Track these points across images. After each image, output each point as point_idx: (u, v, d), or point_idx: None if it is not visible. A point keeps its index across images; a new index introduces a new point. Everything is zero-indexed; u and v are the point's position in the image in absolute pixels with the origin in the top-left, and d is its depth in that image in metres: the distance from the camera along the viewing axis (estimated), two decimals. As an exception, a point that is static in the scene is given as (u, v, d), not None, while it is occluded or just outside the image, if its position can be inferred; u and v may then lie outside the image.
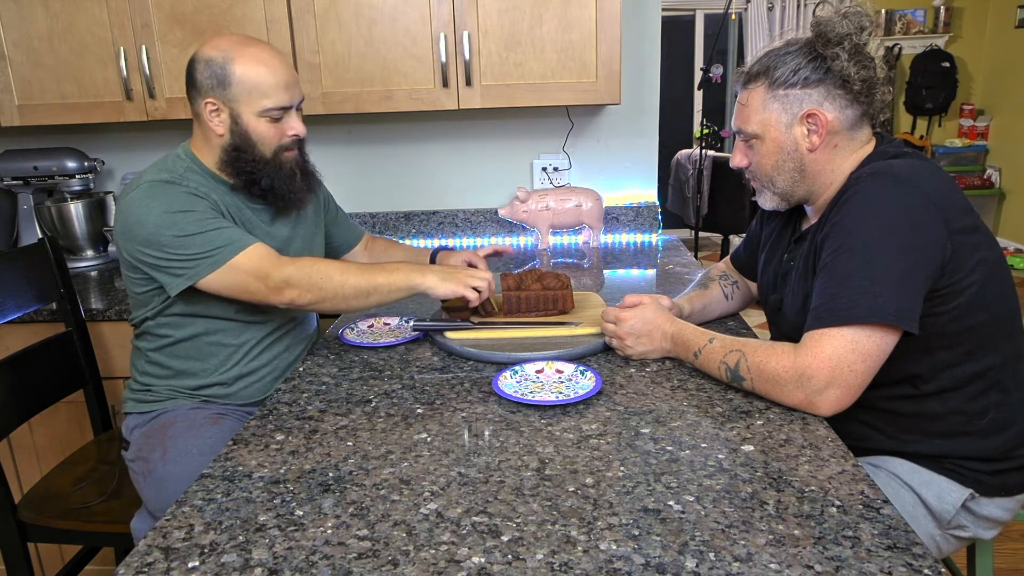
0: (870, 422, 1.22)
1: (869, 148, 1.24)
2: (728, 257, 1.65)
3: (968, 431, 1.18)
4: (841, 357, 1.07)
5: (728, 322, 1.55)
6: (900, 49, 5.78)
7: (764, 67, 1.23)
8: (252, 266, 1.34)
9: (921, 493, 1.20)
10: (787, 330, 1.32)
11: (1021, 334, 1.22)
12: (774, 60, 1.23)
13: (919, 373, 1.17)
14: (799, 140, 1.23)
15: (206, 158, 1.44)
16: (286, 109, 1.41)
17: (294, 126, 1.43)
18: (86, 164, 2.29)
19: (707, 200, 4.55)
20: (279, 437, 1.13)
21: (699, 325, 1.35)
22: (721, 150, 5.61)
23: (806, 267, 1.25)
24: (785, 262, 1.35)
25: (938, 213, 1.10)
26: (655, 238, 2.42)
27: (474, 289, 1.39)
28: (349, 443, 1.10)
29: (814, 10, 1.38)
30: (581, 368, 1.30)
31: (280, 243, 1.51)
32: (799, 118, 1.22)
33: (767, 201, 1.34)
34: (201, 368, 1.48)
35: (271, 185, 1.43)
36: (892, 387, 1.18)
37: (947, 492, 1.19)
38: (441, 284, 1.38)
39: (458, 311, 1.51)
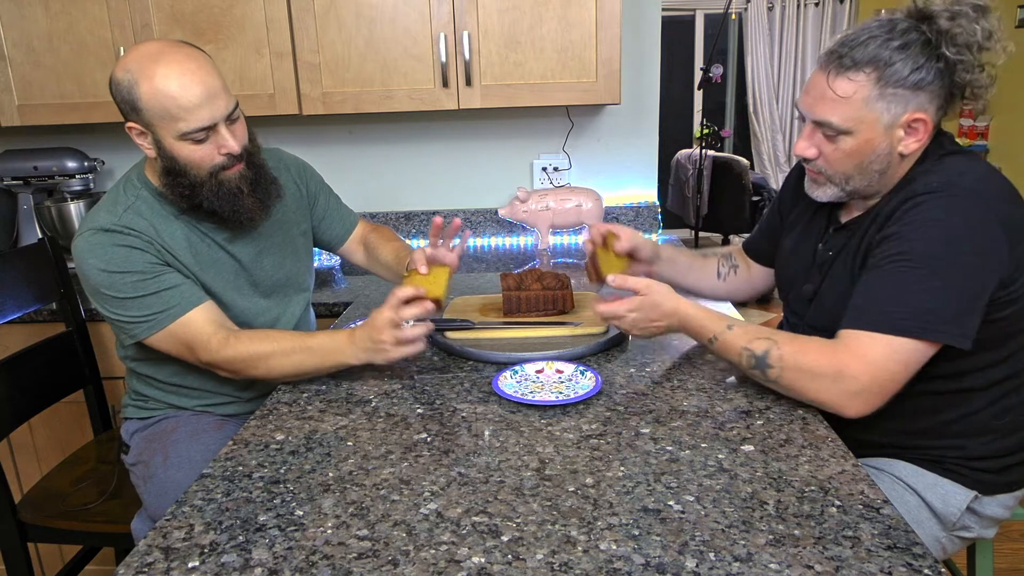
0: (882, 421, 1.16)
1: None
2: (742, 243, 1.58)
3: (982, 431, 1.17)
4: (884, 365, 1.04)
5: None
6: (900, 49, 5.77)
7: (874, 56, 1.08)
8: (187, 337, 1.30)
9: (925, 496, 1.19)
10: (820, 322, 1.26)
11: None
12: (886, 51, 1.07)
13: (950, 374, 1.14)
14: (894, 143, 1.12)
15: (154, 180, 1.35)
16: (209, 128, 1.26)
17: (225, 143, 1.28)
18: (86, 164, 2.29)
19: (707, 200, 4.56)
20: (279, 437, 1.13)
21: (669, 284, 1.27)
22: (721, 150, 5.62)
23: (854, 261, 1.19)
24: (821, 252, 1.29)
25: (1004, 232, 1.06)
26: (655, 238, 2.42)
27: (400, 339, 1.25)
28: (349, 443, 1.10)
29: None
30: (581, 368, 1.30)
31: (248, 261, 1.44)
32: (903, 121, 1.10)
33: (826, 194, 1.21)
34: (200, 399, 1.48)
35: (212, 208, 1.32)
36: (919, 384, 1.13)
37: (952, 495, 1.18)
38: (365, 357, 1.27)
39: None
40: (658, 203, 2.46)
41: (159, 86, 1.22)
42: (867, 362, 1.04)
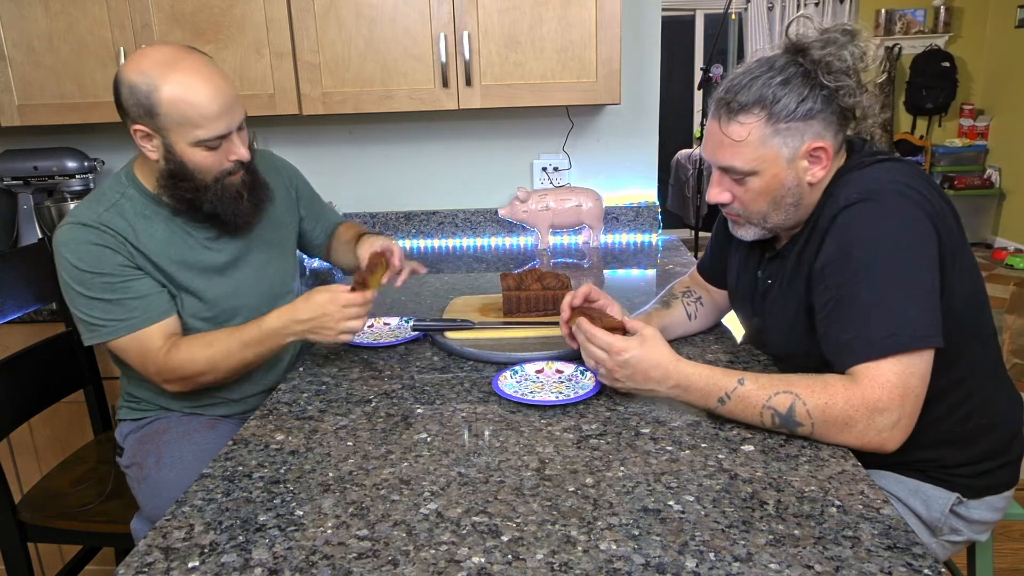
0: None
1: (841, 159, 1.18)
2: (694, 268, 1.55)
3: (951, 440, 1.17)
4: (908, 384, 1.01)
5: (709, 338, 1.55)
6: (900, 49, 5.78)
7: (758, 96, 1.11)
8: (142, 349, 1.31)
9: (909, 503, 1.19)
10: (776, 351, 1.28)
11: (994, 333, 1.20)
12: (770, 89, 1.11)
13: None
14: (800, 174, 1.14)
15: (147, 180, 1.35)
16: (223, 136, 1.28)
17: (236, 151, 1.31)
18: (86, 164, 2.28)
19: (707, 200, 4.55)
20: (279, 437, 1.13)
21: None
22: (721, 150, 5.59)
23: (790, 284, 1.20)
24: (761, 280, 1.29)
25: (932, 223, 1.06)
26: (655, 238, 2.42)
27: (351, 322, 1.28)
28: (349, 443, 1.10)
29: (786, 29, 1.29)
30: (581, 368, 1.30)
31: (232, 259, 1.44)
32: (803, 152, 1.12)
33: (750, 234, 1.23)
34: (189, 400, 1.47)
35: (214, 211, 1.33)
36: None
37: (934, 499, 1.18)
38: (300, 329, 1.28)
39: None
40: (658, 203, 2.46)
41: (180, 93, 1.22)
42: (891, 388, 1.01)
